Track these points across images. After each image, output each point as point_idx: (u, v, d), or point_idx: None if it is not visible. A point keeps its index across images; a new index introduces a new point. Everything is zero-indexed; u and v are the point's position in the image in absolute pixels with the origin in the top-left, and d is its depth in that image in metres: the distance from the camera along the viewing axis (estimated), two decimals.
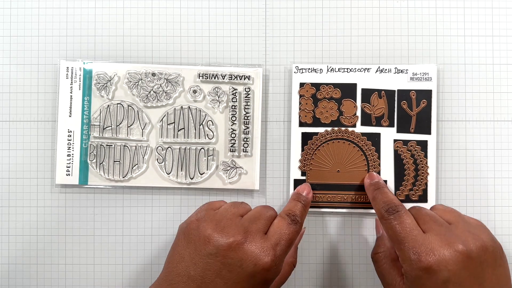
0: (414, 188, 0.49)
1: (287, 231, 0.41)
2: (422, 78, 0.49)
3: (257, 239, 0.39)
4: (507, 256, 0.49)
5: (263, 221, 0.41)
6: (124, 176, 0.49)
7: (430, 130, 0.49)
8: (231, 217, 0.41)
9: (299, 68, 0.50)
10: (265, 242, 0.39)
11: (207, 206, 0.44)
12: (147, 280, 0.50)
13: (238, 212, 0.42)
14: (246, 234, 0.39)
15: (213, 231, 0.39)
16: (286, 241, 0.40)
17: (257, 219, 0.41)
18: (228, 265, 0.38)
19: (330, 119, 0.50)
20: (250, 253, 0.38)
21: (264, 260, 0.38)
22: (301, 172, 0.50)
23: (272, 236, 0.40)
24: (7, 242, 0.50)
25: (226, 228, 0.40)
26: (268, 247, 0.39)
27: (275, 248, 0.39)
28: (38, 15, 0.50)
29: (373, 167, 0.49)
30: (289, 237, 0.41)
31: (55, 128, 0.50)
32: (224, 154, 0.49)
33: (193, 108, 0.49)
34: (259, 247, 0.39)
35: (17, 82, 0.50)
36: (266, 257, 0.38)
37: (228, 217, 0.41)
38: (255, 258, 0.38)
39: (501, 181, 0.50)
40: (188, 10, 0.50)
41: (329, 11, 0.50)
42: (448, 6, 0.50)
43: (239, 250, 0.38)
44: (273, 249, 0.39)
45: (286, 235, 0.41)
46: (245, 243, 0.39)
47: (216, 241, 0.39)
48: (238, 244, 0.39)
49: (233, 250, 0.38)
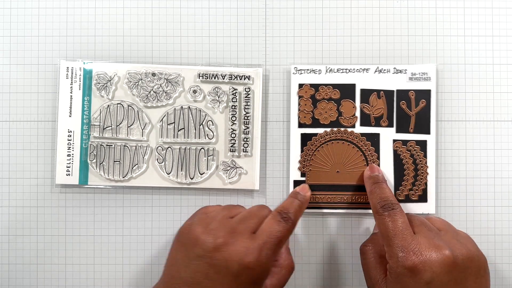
0: (413, 188, 0.49)
1: (276, 229, 0.41)
2: (421, 78, 0.49)
3: (242, 238, 0.39)
4: (508, 256, 0.49)
5: (253, 220, 0.41)
6: (124, 176, 0.49)
7: (429, 130, 0.49)
8: (220, 219, 0.41)
9: (298, 69, 0.50)
10: (251, 241, 0.39)
11: (202, 210, 0.44)
12: (147, 280, 0.50)
13: (229, 214, 0.42)
14: (232, 235, 0.40)
15: (201, 233, 0.40)
16: (274, 240, 0.40)
17: (247, 219, 0.41)
18: (215, 266, 0.38)
19: (329, 119, 0.50)
20: (235, 252, 0.39)
21: (247, 259, 0.38)
22: (300, 173, 0.50)
23: (260, 234, 0.40)
24: (7, 242, 0.50)
25: (214, 230, 0.40)
26: (254, 246, 0.39)
27: (261, 247, 0.39)
28: (38, 15, 0.50)
29: None
30: (278, 235, 0.40)
31: (55, 128, 0.50)
32: (224, 154, 0.49)
33: (193, 108, 0.49)
34: (244, 246, 0.39)
35: (17, 82, 0.50)
36: (250, 255, 0.39)
37: (218, 219, 0.41)
38: (239, 258, 0.38)
39: (501, 181, 0.50)
40: (188, 10, 0.50)
41: (329, 11, 0.50)
42: (448, 6, 0.50)
43: (224, 250, 0.39)
44: (258, 247, 0.39)
45: (275, 233, 0.40)
46: (230, 243, 0.39)
47: (203, 243, 0.39)
48: (223, 244, 0.39)
49: (218, 251, 0.39)
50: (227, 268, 0.38)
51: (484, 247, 0.49)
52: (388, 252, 0.40)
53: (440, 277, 0.38)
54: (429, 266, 0.38)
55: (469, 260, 0.39)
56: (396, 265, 0.39)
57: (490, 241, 0.49)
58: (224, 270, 0.38)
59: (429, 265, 0.38)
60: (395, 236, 0.40)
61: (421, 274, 0.38)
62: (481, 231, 0.49)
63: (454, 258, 0.38)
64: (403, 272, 0.38)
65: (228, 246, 0.39)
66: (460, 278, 0.38)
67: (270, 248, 0.40)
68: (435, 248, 0.39)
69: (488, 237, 0.50)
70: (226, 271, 0.38)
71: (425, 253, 0.38)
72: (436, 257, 0.38)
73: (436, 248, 0.39)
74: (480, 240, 0.49)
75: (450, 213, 0.49)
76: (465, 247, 0.40)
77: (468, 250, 0.40)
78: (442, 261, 0.38)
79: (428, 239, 0.39)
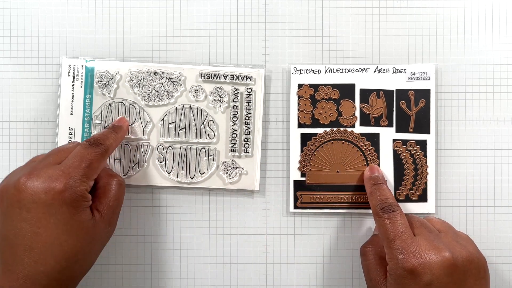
0: (413, 188, 0.49)
1: (82, 153, 0.40)
2: (420, 78, 0.49)
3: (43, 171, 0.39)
4: (508, 256, 0.50)
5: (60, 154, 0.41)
6: (125, 175, 0.49)
7: (429, 129, 0.49)
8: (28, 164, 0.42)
9: (297, 69, 0.50)
10: (54, 170, 0.39)
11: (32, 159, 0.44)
12: (147, 280, 0.50)
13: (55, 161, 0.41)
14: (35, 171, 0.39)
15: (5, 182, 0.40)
16: (81, 162, 0.40)
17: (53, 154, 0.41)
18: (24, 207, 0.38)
19: (329, 119, 0.50)
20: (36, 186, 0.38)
21: (52, 185, 0.38)
22: (300, 173, 0.50)
23: (65, 162, 0.40)
24: None
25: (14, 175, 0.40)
26: (57, 172, 0.39)
27: (66, 171, 0.39)
28: (38, 15, 0.50)
29: None
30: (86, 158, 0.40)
31: (55, 128, 0.50)
32: (225, 154, 0.49)
33: (194, 108, 0.49)
34: (45, 177, 0.38)
35: (17, 82, 0.50)
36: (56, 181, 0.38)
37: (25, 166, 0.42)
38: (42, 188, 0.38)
39: (501, 181, 0.50)
40: (188, 10, 0.50)
41: (329, 11, 0.50)
42: (448, 6, 0.50)
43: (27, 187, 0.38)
44: (63, 172, 0.39)
45: (81, 156, 0.40)
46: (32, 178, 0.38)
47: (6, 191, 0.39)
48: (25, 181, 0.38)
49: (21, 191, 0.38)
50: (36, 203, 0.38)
51: (484, 247, 0.49)
52: (388, 254, 0.40)
53: (440, 279, 0.38)
54: (428, 268, 0.38)
55: (469, 262, 0.39)
56: (396, 267, 0.39)
57: (490, 241, 0.50)
58: (34, 205, 0.38)
59: (428, 267, 0.38)
60: (395, 238, 0.40)
61: (421, 276, 0.38)
62: (481, 231, 0.49)
63: (454, 260, 0.38)
64: (403, 274, 0.39)
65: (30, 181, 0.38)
66: (460, 280, 0.39)
67: (78, 171, 0.39)
68: (435, 250, 0.39)
69: (488, 237, 0.50)
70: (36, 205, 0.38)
71: (425, 255, 0.38)
72: (436, 259, 0.38)
73: (436, 250, 0.39)
74: (480, 240, 0.49)
75: (450, 213, 0.50)
76: (465, 249, 0.40)
77: (468, 252, 0.40)
78: (442, 263, 0.38)
79: (428, 241, 0.40)
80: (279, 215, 0.50)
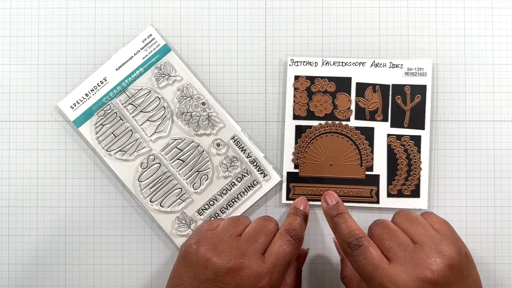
0: (406, 183, 0.49)
1: (286, 250, 0.41)
2: (417, 73, 0.49)
3: (253, 262, 0.40)
4: (508, 256, 0.49)
5: (262, 239, 0.42)
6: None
7: (423, 125, 0.49)
8: (228, 239, 0.41)
9: (294, 60, 0.50)
10: (262, 265, 0.40)
11: (206, 226, 0.44)
12: (147, 280, 0.50)
13: (236, 232, 0.42)
14: (243, 258, 0.40)
15: (211, 255, 0.40)
16: (284, 261, 0.41)
17: (255, 239, 0.42)
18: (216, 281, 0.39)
19: (324, 112, 0.50)
20: (246, 278, 0.39)
21: (259, 284, 0.39)
22: (294, 165, 0.50)
23: (269, 257, 0.41)
24: (7, 242, 0.50)
25: (224, 251, 0.40)
26: (265, 269, 0.40)
27: (271, 270, 0.40)
28: (38, 15, 0.50)
29: (366, 161, 0.49)
30: (288, 256, 0.41)
31: (55, 128, 0.50)
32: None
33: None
34: (255, 271, 0.39)
35: (17, 82, 0.50)
36: (262, 280, 0.39)
37: (225, 239, 0.41)
38: (251, 283, 0.39)
39: (501, 181, 0.50)
40: (188, 10, 0.50)
41: (329, 11, 0.50)
42: (448, 6, 0.50)
43: (236, 275, 0.39)
44: (269, 272, 0.40)
45: (284, 254, 0.41)
46: (242, 267, 0.39)
47: (213, 266, 0.40)
48: (235, 269, 0.39)
49: (230, 275, 0.39)
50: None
51: (479, 246, 0.49)
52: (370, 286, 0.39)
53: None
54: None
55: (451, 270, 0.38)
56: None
57: (490, 241, 0.49)
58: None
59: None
60: (372, 274, 0.38)
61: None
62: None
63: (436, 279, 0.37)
64: None
65: (239, 270, 0.39)
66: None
67: (280, 270, 0.40)
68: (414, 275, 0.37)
69: (488, 237, 0.50)
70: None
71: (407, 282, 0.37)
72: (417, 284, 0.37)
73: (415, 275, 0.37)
74: (478, 240, 0.49)
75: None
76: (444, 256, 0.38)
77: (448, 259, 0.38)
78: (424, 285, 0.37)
79: (405, 266, 0.38)
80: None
